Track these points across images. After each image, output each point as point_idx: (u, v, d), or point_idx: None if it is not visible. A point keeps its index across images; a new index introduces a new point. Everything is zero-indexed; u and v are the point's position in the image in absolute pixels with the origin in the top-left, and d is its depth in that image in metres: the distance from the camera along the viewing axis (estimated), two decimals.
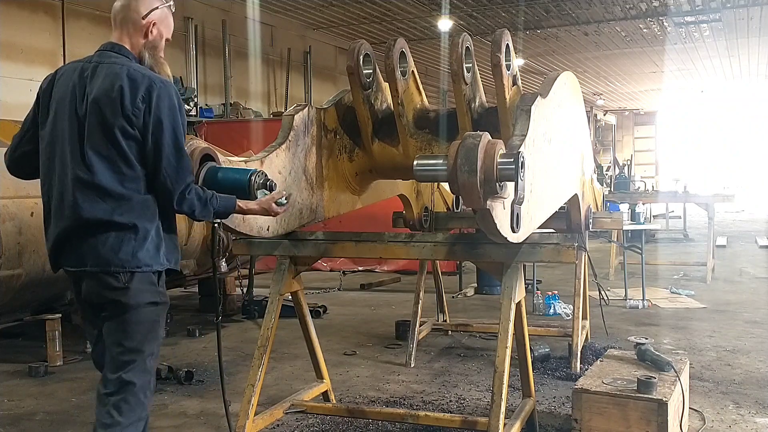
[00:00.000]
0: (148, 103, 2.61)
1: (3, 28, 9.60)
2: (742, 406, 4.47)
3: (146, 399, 2.76)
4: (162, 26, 2.83)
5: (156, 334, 2.79)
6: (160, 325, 2.82)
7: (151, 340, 2.77)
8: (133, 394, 2.72)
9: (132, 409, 2.71)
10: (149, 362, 2.77)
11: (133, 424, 2.71)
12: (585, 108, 4.90)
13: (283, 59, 15.64)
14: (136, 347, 2.73)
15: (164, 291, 2.81)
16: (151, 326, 2.76)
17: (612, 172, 17.38)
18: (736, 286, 9.31)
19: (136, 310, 2.70)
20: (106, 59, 2.73)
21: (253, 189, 2.97)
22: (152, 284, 2.73)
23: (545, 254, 3.43)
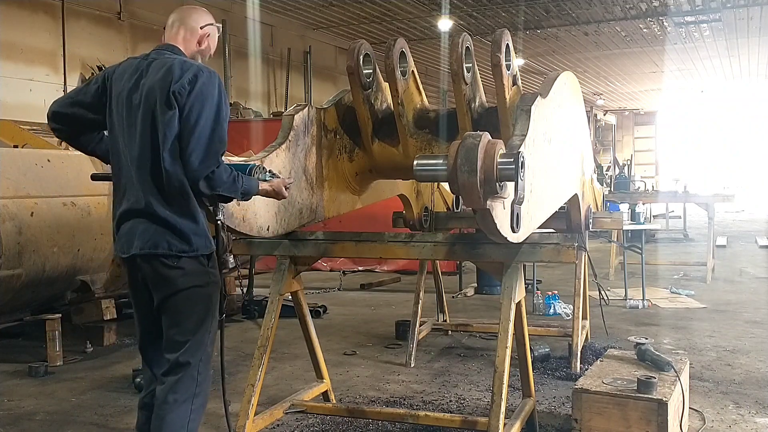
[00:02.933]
0: (194, 84, 2.76)
1: (3, 28, 9.60)
2: (742, 406, 4.47)
3: (200, 376, 2.89)
4: (212, 41, 3.09)
5: (209, 313, 2.92)
6: (213, 304, 2.94)
7: (205, 319, 2.90)
8: (188, 372, 2.86)
9: (186, 387, 2.86)
10: (206, 338, 2.91)
11: (187, 400, 2.86)
12: (585, 108, 4.90)
13: (283, 59, 15.64)
14: (191, 328, 2.87)
15: (215, 272, 2.94)
16: (204, 306, 2.89)
17: (612, 172, 17.37)
18: (736, 286, 9.30)
19: (188, 290, 2.84)
20: (160, 56, 2.91)
21: None
22: (202, 266, 2.87)
23: (545, 254, 3.43)
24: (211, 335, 2.95)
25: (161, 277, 2.83)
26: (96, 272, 6.12)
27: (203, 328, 2.90)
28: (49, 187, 5.64)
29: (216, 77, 2.84)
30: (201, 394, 2.92)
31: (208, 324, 2.92)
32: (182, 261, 2.82)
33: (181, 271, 2.82)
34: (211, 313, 2.93)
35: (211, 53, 3.12)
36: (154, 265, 2.82)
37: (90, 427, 4.35)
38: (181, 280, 2.83)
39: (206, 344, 2.92)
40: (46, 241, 5.53)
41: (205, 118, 2.75)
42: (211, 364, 2.99)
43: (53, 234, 5.60)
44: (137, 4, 11.86)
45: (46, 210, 5.58)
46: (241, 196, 2.90)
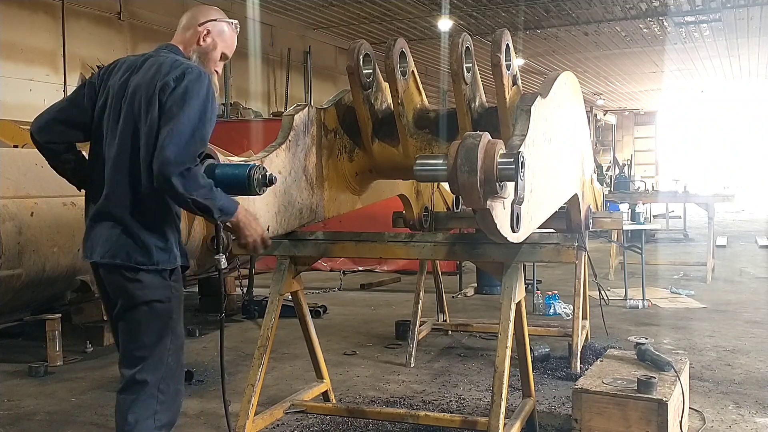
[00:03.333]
0: (180, 82, 2.64)
1: (3, 28, 9.60)
2: (742, 406, 4.47)
3: (162, 394, 2.76)
4: (217, 38, 2.96)
5: (168, 330, 2.78)
6: (174, 321, 2.80)
7: (164, 336, 2.77)
8: (146, 391, 2.73)
9: (146, 406, 2.73)
10: (165, 356, 2.77)
11: (148, 418, 2.73)
12: (585, 108, 4.90)
13: (283, 59, 15.65)
14: (148, 344, 2.75)
15: (178, 287, 2.81)
16: (162, 322, 2.76)
17: (612, 172, 17.37)
18: (736, 286, 9.30)
19: (147, 305, 2.72)
20: (156, 55, 2.84)
21: (253, 184, 2.96)
22: (164, 280, 2.74)
23: (545, 254, 3.43)
24: (171, 353, 2.79)
25: (120, 288, 2.73)
26: None
27: (161, 346, 2.75)
28: (49, 187, 5.63)
29: (205, 77, 2.72)
30: (164, 411, 2.77)
31: (167, 342, 2.77)
32: (140, 274, 2.69)
33: (140, 284, 2.69)
34: (170, 330, 2.78)
35: (225, 52, 3.01)
36: (113, 274, 2.72)
37: (90, 427, 4.35)
38: (140, 294, 2.70)
39: (166, 362, 2.77)
40: (46, 241, 5.53)
41: (187, 115, 2.60)
42: (178, 380, 2.84)
43: (53, 234, 5.60)
44: (137, 4, 11.86)
45: (46, 210, 5.58)
46: (219, 212, 2.67)
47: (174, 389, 2.83)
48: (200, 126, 2.62)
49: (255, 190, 2.97)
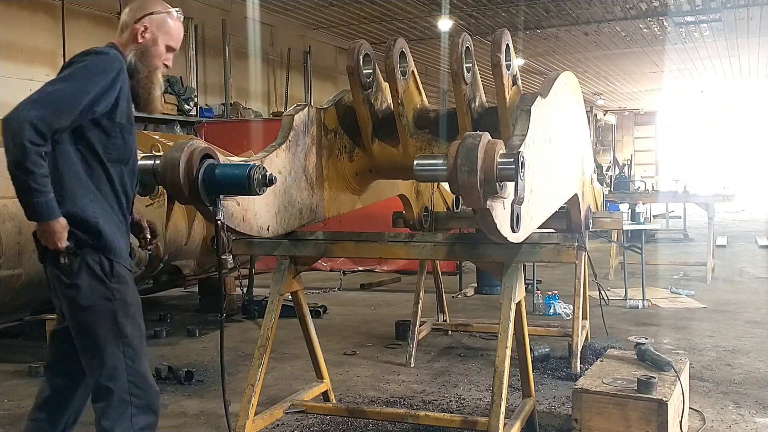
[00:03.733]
0: (75, 60, 2.59)
1: (3, 28, 9.60)
2: (742, 406, 4.47)
3: (136, 398, 2.73)
4: (158, 31, 2.81)
5: (117, 335, 2.71)
6: (124, 323, 2.73)
7: (110, 343, 2.70)
8: (114, 397, 2.71)
9: (119, 413, 2.72)
10: (123, 362, 2.72)
11: (125, 422, 2.72)
12: (585, 108, 4.90)
13: (283, 59, 15.64)
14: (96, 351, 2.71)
15: (118, 287, 2.71)
16: (106, 328, 2.69)
17: (612, 172, 17.37)
18: (736, 286, 9.31)
19: (87, 310, 2.67)
20: None
21: (253, 184, 2.97)
22: (100, 280, 2.67)
23: (545, 254, 3.43)
24: (128, 357, 2.73)
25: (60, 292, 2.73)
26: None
27: (111, 350, 2.71)
28: None
29: (105, 59, 2.61)
30: (141, 414, 2.75)
31: (118, 345, 2.72)
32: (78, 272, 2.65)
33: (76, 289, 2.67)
34: (120, 333, 2.71)
35: (170, 44, 2.84)
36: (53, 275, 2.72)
37: (90, 427, 4.31)
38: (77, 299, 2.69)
39: (126, 366, 2.72)
40: None
41: (61, 81, 2.51)
42: (148, 380, 2.82)
43: None
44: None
45: None
46: (31, 209, 2.49)
47: (148, 389, 2.80)
48: (72, 95, 2.49)
49: (255, 190, 2.98)
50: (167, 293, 8.76)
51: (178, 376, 5.14)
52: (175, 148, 2.93)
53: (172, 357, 5.91)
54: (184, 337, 6.65)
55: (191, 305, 8.39)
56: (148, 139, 6.92)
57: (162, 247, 6.22)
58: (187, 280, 7.74)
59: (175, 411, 4.59)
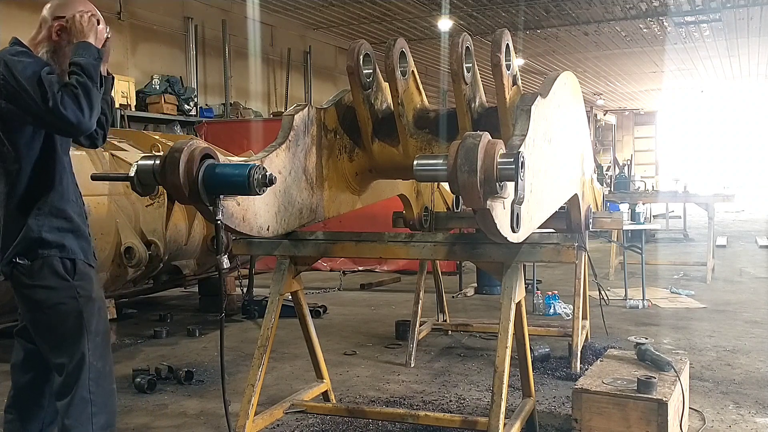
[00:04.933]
0: None
1: (3, 28, 9.60)
2: (742, 406, 4.47)
3: (93, 395, 2.74)
4: (77, 30, 2.74)
5: (82, 332, 2.73)
6: (89, 320, 2.75)
7: (76, 340, 2.73)
8: (77, 396, 2.73)
9: (80, 411, 2.73)
10: (86, 359, 2.74)
11: (85, 422, 2.73)
12: (585, 108, 4.90)
13: (283, 59, 15.65)
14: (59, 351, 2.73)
15: (84, 285, 2.76)
16: (72, 325, 2.72)
17: (612, 172, 17.39)
18: (736, 286, 9.30)
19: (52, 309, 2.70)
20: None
21: (253, 184, 2.97)
22: (63, 279, 2.70)
23: (545, 254, 3.43)
24: (91, 353, 2.76)
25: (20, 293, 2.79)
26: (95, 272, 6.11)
27: (77, 348, 2.75)
28: None
29: (5, 52, 2.63)
30: (101, 413, 2.76)
31: (83, 342, 2.76)
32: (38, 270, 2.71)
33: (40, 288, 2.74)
34: (85, 330, 2.76)
35: (86, 41, 2.73)
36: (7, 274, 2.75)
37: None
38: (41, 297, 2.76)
39: (88, 363, 2.74)
40: None
41: (14, 86, 2.53)
42: (109, 380, 2.85)
43: None
44: (137, 4, 11.86)
45: None
46: (94, 74, 2.61)
47: (108, 388, 2.81)
48: (23, 76, 2.54)
49: (255, 190, 2.99)
50: (167, 293, 8.77)
51: (178, 376, 5.15)
52: (175, 148, 2.93)
53: (172, 357, 5.92)
54: (184, 337, 6.65)
55: (191, 305, 8.39)
56: (148, 139, 6.92)
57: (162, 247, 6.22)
58: (187, 280, 7.74)
59: (175, 411, 4.59)
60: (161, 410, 4.58)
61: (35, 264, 2.67)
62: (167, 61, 12.52)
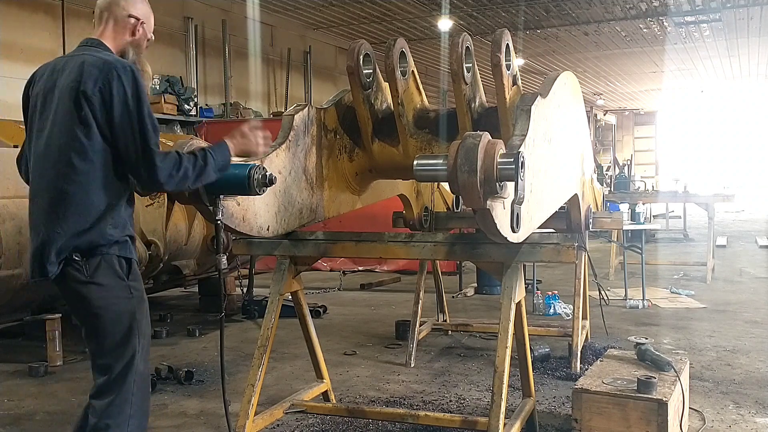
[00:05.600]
0: (109, 88, 2.60)
1: (3, 28, 9.61)
2: (742, 406, 4.47)
3: (134, 397, 2.75)
4: (147, 26, 2.89)
5: (134, 333, 2.74)
6: (140, 321, 2.77)
7: (127, 341, 2.74)
8: (121, 397, 2.73)
9: (120, 411, 2.73)
10: (132, 364, 2.75)
11: (122, 424, 2.72)
12: (585, 108, 4.90)
13: (283, 59, 15.65)
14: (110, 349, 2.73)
15: (137, 285, 2.77)
16: (124, 326, 2.72)
17: (612, 172, 17.38)
18: (736, 286, 9.30)
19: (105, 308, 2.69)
20: (79, 52, 2.76)
21: (253, 184, 2.98)
22: (119, 277, 2.70)
23: (545, 254, 3.43)
24: (140, 355, 2.78)
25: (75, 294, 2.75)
26: None
27: (129, 348, 2.76)
28: None
29: (130, 71, 2.65)
30: (137, 416, 2.76)
31: (134, 343, 2.77)
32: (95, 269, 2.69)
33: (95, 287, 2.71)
34: (137, 331, 2.77)
35: (150, 37, 2.92)
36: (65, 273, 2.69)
37: None
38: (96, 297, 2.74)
39: (136, 365, 2.76)
40: None
41: (134, 123, 2.60)
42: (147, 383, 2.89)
43: None
44: None
45: None
46: (217, 173, 2.79)
47: (146, 391, 2.83)
48: (149, 121, 2.63)
49: (255, 190, 2.99)
50: (167, 293, 8.76)
51: (178, 376, 5.14)
52: (175, 148, 2.93)
53: (172, 357, 5.91)
54: (184, 337, 6.65)
55: (191, 305, 8.39)
56: None
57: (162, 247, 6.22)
58: (187, 280, 7.74)
59: (175, 411, 4.59)
60: (161, 410, 4.58)
61: (92, 261, 2.64)
62: (167, 61, 12.52)
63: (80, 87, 2.59)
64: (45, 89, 2.74)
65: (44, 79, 2.77)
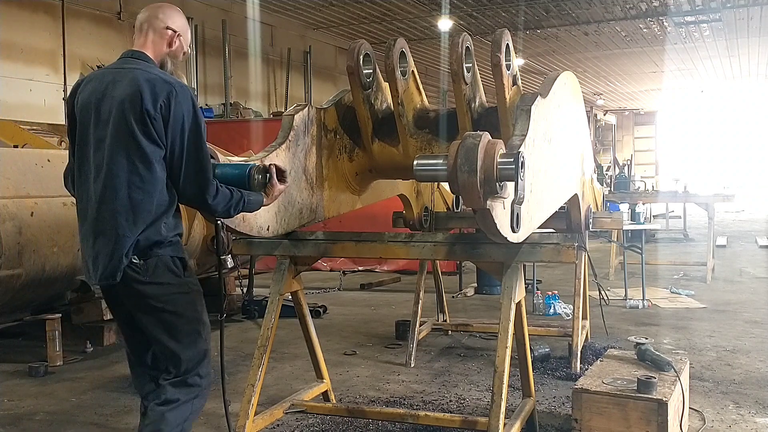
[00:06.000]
0: (168, 106, 2.72)
1: (3, 28, 9.61)
2: (742, 406, 4.47)
3: (202, 379, 3.00)
4: (184, 39, 3.00)
5: (200, 323, 2.99)
6: (202, 312, 3.00)
7: (194, 330, 2.97)
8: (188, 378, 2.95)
9: (190, 390, 2.96)
10: (200, 352, 2.98)
11: (188, 401, 2.96)
12: (585, 108, 4.90)
13: (283, 59, 15.65)
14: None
15: (193, 280, 3.03)
16: (189, 317, 2.94)
17: (612, 172, 17.38)
18: (736, 286, 9.30)
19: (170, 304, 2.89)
20: (127, 65, 2.85)
21: (253, 183, 2.99)
22: (176, 275, 2.89)
23: (545, 254, 3.43)
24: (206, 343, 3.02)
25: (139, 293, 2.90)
26: None
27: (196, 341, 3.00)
28: (49, 187, 5.63)
29: (188, 91, 2.81)
30: (201, 398, 2.99)
31: (202, 333, 3.02)
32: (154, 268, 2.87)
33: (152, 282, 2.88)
34: (201, 323, 3.02)
35: (186, 51, 3.03)
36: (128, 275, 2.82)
37: (90, 427, 4.35)
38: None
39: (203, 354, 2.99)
40: (46, 241, 5.53)
41: (189, 143, 2.76)
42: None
43: (53, 234, 5.60)
44: (137, 4, 11.85)
45: (46, 210, 5.58)
46: (250, 210, 3.04)
47: (209, 376, 3.05)
48: (200, 141, 2.79)
49: (255, 189, 3.00)
50: None
51: None
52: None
53: None
54: None
55: None
56: None
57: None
58: None
59: None
60: None
61: (150, 263, 2.80)
62: None
63: (143, 104, 2.69)
64: (96, 100, 2.81)
65: (90, 91, 2.84)
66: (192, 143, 2.76)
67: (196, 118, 2.78)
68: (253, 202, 3.00)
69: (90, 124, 2.80)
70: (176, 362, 2.91)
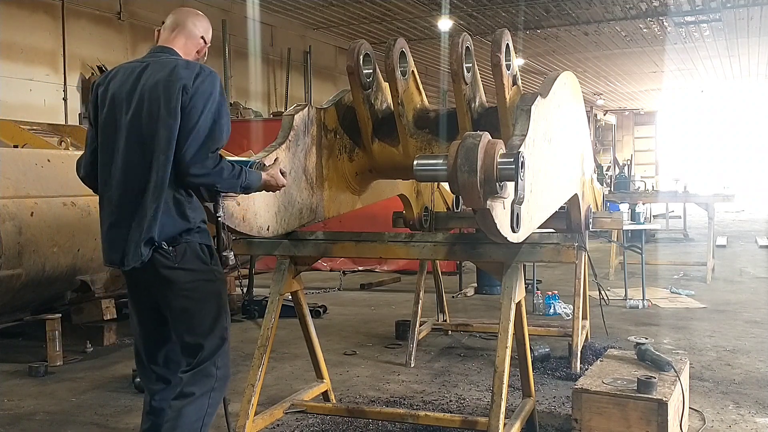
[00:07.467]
0: (197, 83, 2.79)
1: (3, 28, 9.60)
2: (742, 406, 4.47)
3: (218, 370, 2.97)
4: (206, 50, 3.15)
5: (222, 312, 2.99)
6: (225, 301, 3.03)
7: (216, 320, 2.97)
8: (204, 368, 2.94)
9: (205, 382, 2.94)
10: (221, 341, 2.98)
11: (205, 394, 2.93)
12: (585, 108, 4.90)
13: (283, 59, 15.65)
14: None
15: (219, 269, 3.00)
16: (213, 306, 2.95)
17: (612, 172, 17.38)
18: (736, 286, 9.30)
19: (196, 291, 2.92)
20: (159, 58, 2.93)
21: None
22: (204, 262, 2.91)
23: (545, 254, 3.43)
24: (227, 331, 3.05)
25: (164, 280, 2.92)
26: (96, 272, 6.12)
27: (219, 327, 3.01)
28: (49, 187, 5.63)
29: (216, 76, 2.89)
30: (219, 390, 2.98)
31: (223, 321, 3.02)
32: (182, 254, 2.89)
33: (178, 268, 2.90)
34: (224, 310, 3.03)
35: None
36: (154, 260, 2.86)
37: (90, 427, 4.35)
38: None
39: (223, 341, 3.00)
40: (46, 241, 5.53)
41: (205, 116, 2.78)
42: None
43: (53, 234, 5.60)
44: (137, 4, 11.86)
45: (46, 210, 5.58)
46: (241, 190, 2.94)
47: (228, 368, 3.05)
48: (216, 124, 2.81)
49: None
50: None
51: None
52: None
53: None
54: None
55: None
56: None
57: None
58: None
59: None
60: None
61: (179, 249, 2.83)
62: None
63: (180, 81, 2.77)
64: (127, 90, 2.86)
65: (120, 82, 2.90)
66: (211, 113, 2.79)
67: (222, 97, 2.85)
68: (254, 177, 2.97)
69: (121, 112, 2.85)
70: (196, 350, 2.92)
